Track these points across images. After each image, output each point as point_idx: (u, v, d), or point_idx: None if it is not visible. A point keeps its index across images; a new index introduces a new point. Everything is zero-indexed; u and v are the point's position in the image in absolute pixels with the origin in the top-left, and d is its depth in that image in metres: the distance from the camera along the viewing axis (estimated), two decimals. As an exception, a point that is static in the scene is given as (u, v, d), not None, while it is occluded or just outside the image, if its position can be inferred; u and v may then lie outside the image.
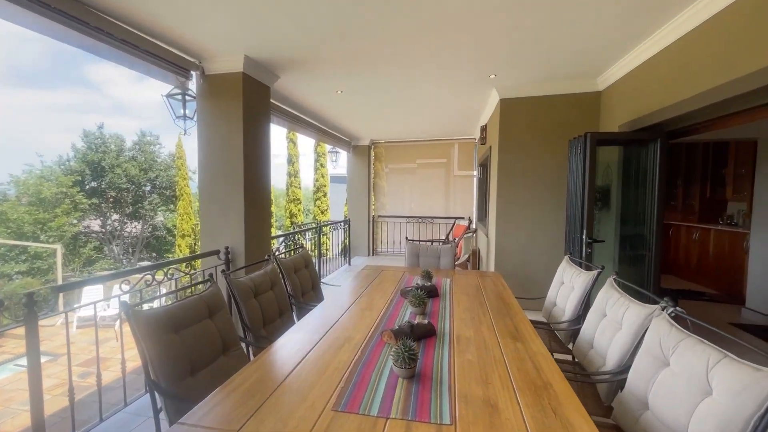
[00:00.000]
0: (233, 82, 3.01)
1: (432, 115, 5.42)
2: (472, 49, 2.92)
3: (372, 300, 2.16)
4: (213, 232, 3.13)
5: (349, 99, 4.38)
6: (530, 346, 1.53)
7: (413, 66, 3.29)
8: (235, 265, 3.09)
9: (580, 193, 2.99)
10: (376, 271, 2.98)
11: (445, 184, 8.00)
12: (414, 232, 7.90)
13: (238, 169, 3.04)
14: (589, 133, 2.88)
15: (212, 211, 3.12)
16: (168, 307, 1.45)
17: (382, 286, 2.49)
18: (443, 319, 1.84)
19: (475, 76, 3.60)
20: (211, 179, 3.10)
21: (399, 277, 2.77)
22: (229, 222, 3.08)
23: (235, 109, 3.02)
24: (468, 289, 2.46)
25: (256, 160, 3.22)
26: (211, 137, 3.09)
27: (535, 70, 3.42)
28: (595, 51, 2.97)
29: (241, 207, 3.05)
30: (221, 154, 3.07)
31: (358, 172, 7.62)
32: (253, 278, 2.06)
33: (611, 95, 3.50)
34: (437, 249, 3.28)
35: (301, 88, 3.96)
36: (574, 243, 3.12)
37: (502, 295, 2.33)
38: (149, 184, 18.26)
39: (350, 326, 1.73)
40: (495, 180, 4.21)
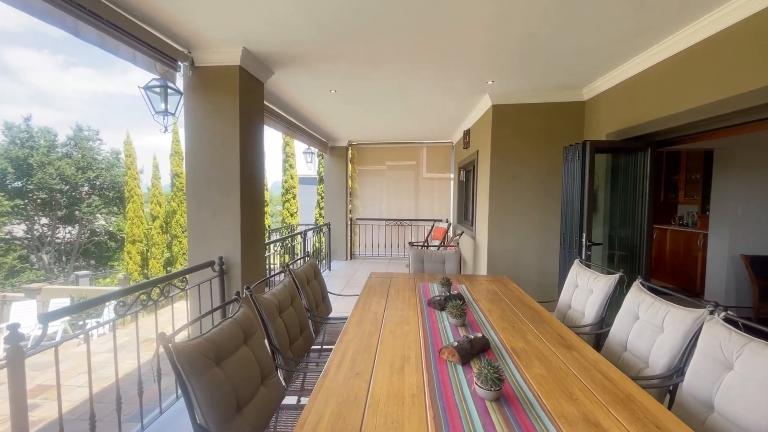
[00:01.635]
0: (228, 77, 2.74)
1: (416, 119, 5.42)
2: (477, 55, 2.93)
3: (402, 312, 2.06)
4: (203, 241, 2.82)
5: (340, 99, 4.22)
6: (585, 354, 1.53)
7: (413, 69, 3.24)
8: (230, 277, 2.81)
9: (578, 198, 3.12)
10: (385, 278, 2.88)
11: (415, 186, 8.06)
12: (391, 234, 7.86)
13: (233, 172, 2.77)
14: (588, 141, 3.02)
15: (202, 218, 2.81)
16: (207, 335, 1.25)
17: (402, 296, 2.39)
18: (486, 330, 1.80)
19: (473, 82, 3.64)
20: (202, 182, 2.80)
21: (413, 284, 2.70)
22: (223, 229, 2.80)
23: (230, 106, 2.75)
24: (488, 295, 2.45)
25: (252, 162, 2.97)
26: (203, 136, 2.79)
27: (530, 78, 3.53)
28: (588, 64, 3.12)
29: (236, 213, 2.79)
30: (214, 154, 2.78)
31: (336, 173, 7.42)
32: (276, 294, 1.87)
33: (597, 105, 3.72)
34: (442, 254, 3.25)
35: (292, 86, 3.73)
36: (572, 245, 3.25)
37: (524, 300, 2.35)
38: (87, 184, 16.37)
39: (398, 344, 1.62)
40: (486, 184, 4.29)
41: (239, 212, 2.78)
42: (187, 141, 2.82)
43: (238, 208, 2.78)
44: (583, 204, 3.07)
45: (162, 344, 1.10)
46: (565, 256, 3.43)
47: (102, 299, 1.69)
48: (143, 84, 2.88)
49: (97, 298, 1.67)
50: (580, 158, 3.11)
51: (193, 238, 2.84)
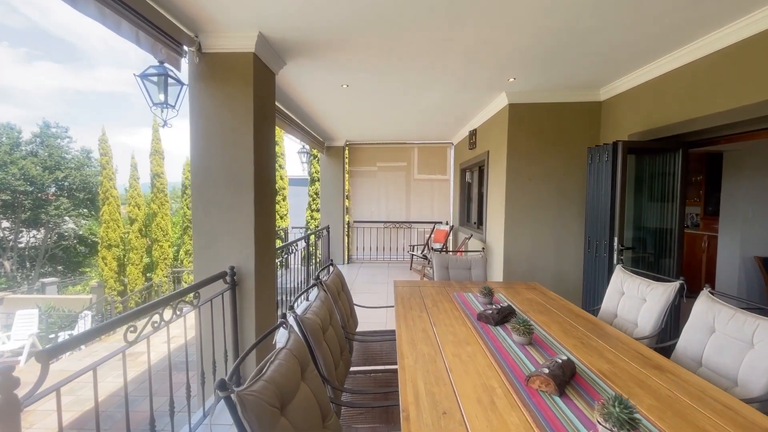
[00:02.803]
0: (242, 65, 2.45)
1: (420, 119, 5.23)
2: (506, 48, 2.76)
3: (453, 329, 1.85)
4: (211, 248, 2.51)
5: (350, 95, 3.97)
6: (683, 376, 1.36)
7: (435, 63, 3.04)
8: (242, 289, 2.51)
9: (608, 201, 3.01)
10: (413, 287, 2.66)
11: (406, 187, 7.84)
12: (390, 237, 7.64)
13: (246, 171, 2.48)
14: (620, 141, 2.91)
15: (210, 223, 2.50)
16: (267, 375, 0.99)
17: (442, 308, 2.18)
18: (557, 349, 1.61)
19: (494, 79, 3.48)
20: (210, 182, 2.49)
21: (446, 294, 2.49)
22: (235, 235, 2.50)
23: (243, 97, 2.46)
24: (533, 305, 2.27)
25: (265, 159, 2.68)
26: (211, 130, 2.48)
27: (551, 76, 3.41)
28: (614, 61, 3.02)
29: (250, 216, 2.49)
30: (225, 151, 2.48)
31: (332, 174, 7.14)
32: (317, 313, 1.61)
33: (615, 105, 3.64)
34: (468, 260, 3.06)
35: (302, 79, 3.45)
36: (599, 249, 3.14)
37: (572, 309, 2.19)
38: (55, 185, 15.29)
39: (470, 370, 1.40)
40: (501, 185, 4.15)
41: (253, 215, 2.49)
42: (193, 136, 2.50)
43: (252, 211, 2.49)
44: (614, 206, 2.95)
45: (221, 394, 0.84)
46: (590, 260, 3.32)
47: (111, 325, 1.39)
48: (139, 72, 2.56)
49: (106, 324, 1.36)
50: (609, 159, 3.00)
51: (200, 245, 2.52)
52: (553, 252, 4.04)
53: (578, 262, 4.00)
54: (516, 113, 3.97)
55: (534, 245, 4.04)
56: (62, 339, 7.23)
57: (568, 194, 3.99)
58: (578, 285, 3.99)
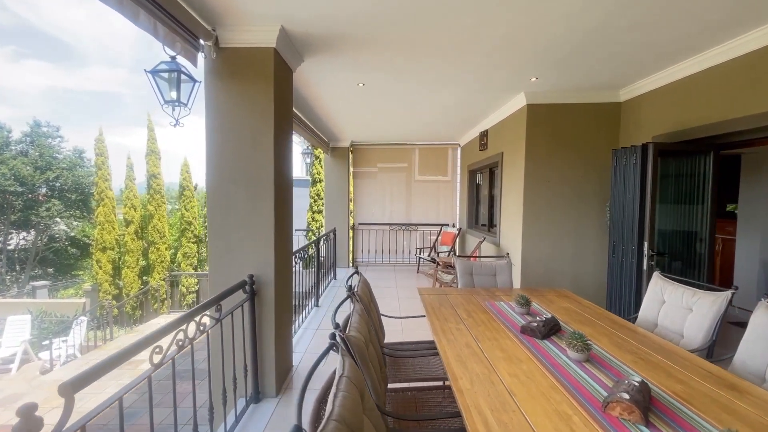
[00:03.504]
0: (262, 61, 2.31)
1: (430, 119, 5.12)
2: (532, 47, 2.66)
3: (498, 343, 1.73)
4: (228, 255, 2.36)
5: (365, 95, 3.84)
6: (763, 397, 1.26)
7: (456, 62, 2.92)
8: (261, 299, 2.37)
9: (636, 204, 2.92)
10: (440, 295, 2.54)
11: (407, 188, 7.67)
12: (396, 240, 7.51)
13: (266, 174, 2.33)
14: (650, 143, 2.82)
15: (227, 228, 2.35)
16: (335, 413, 0.85)
17: (479, 320, 2.06)
18: (616, 365, 1.50)
19: (514, 78, 3.37)
20: (228, 185, 2.34)
21: (477, 303, 2.37)
22: (254, 241, 2.35)
23: (263, 95, 2.32)
24: (571, 314, 2.16)
25: (285, 162, 2.54)
26: (229, 130, 2.34)
27: (573, 76, 3.31)
28: (639, 62, 2.94)
29: (270, 221, 2.35)
30: (243, 153, 2.33)
31: (337, 176, 6.99)
32: (359, 329, 1.48)
33: (637, 106, 3.56)
34: (492, 266, 2.95)
35: (317, 77, 3.32)
36: (626, 254, 3.05)
37: (613, 319, 2.08)
38: (46, 185, 14.90)
39: (534, 392, 1.28)
40: (518, 188, 4.04)
41: (273, 220, 2.35)
42: (209, 136, 2.35)
43: (272, 216, 2.35)
44: (643, 210, 2.86)
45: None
46: (615, 266, 3.23)
47: (136, 347, 1.24)
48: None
49: (129, 348, 1.21)
50: (638, 161, 2.91)
51: (216, 252, 2.37)
52: (570, 256, 3.95)
53: (598, 267, 3.92)
54: (534, 114, 3.88)
55: (552, 249, 3.95)
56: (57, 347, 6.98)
57: (587, 197, 3.91)
58: (598, 290, 3.91)
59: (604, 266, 3.91)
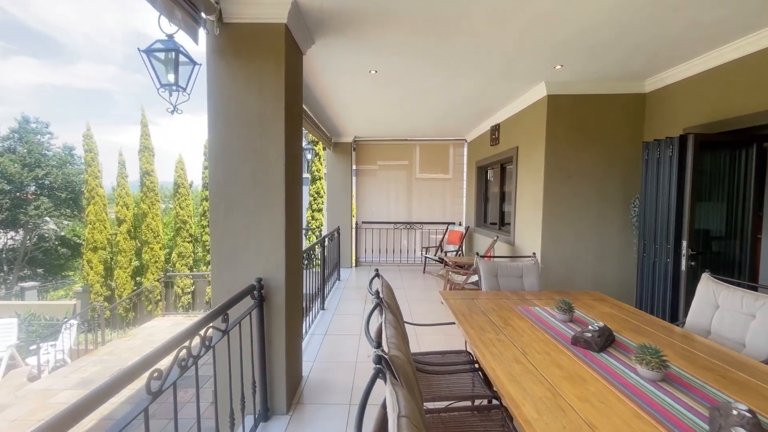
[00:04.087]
0: (271, 39, 2.06)
1: (440, 112, 4.89)
2: (563, 30, 2.44)
3: (550, 357, 1.50)
4: (233, 257, 2.11)
5: (375, 83, 3.60)
6: None
7: (481, 46, 2.70)
8: (269, 305, 2.12)
9: (672, 201, 2.72)
10: (466, 299, 2.31)
11: (407, 186, 7.42)
12: (400, 239, 7.28)
13: (277, 167, 2.09)
14: (690, 134, 2.62)
15: (232, 226, 2.10)
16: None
17: (518, 327, 1.83)
18: (697, 385, 1.28)
19: (538, 66, 3.15)
20: (233, 179, 2.09)
21: (510, 308, 2.15)
22: (262, 241, 2.10)
23: (274, 77, 2.07)
24: (619, 322, 1.94)
25: (296, 154, 2.30)
26: (235, 118, 2.08)
27: (599, 65, 3.11)
28: (672, 48, 2.74)
29: (280, 219, 2.10)
30: (251, 143, 2.08)
31: (340, 172, 6.74)
32: (398, 346, 1.25)
33: (667, 97, 3.36)
34: (518, 267, 2.73)
35: (326, 63, 3.07)
36: (660, 254, 2.85)
37: (669, 327, 1.88)
38: (35, 183, 14.45)
39: (618, 424, 1.06)
40: (537, 184, 3.83)
41: (284, 218, 2.10)
42: (212, 125, 2.09)
43: (283, 213, 2.10)
44: (681, 207, 2.66)
45: None
46: (647, 266, 3.02)
47: (131, 374, 0.99)
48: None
49: (127, 371, 0.97)
50: (675, 153, 2.70)
51: (220, 253, 2.11)
52: (593, 255, 3.75)
53: (622, 266, 3.73)
54: (555, 105, 3.66)
55: (573, 248, 3.75)
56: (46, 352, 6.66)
57: (610, 192, 3.71)
58: (623, 291, 3.72)
59: (628, 266, 3.72)
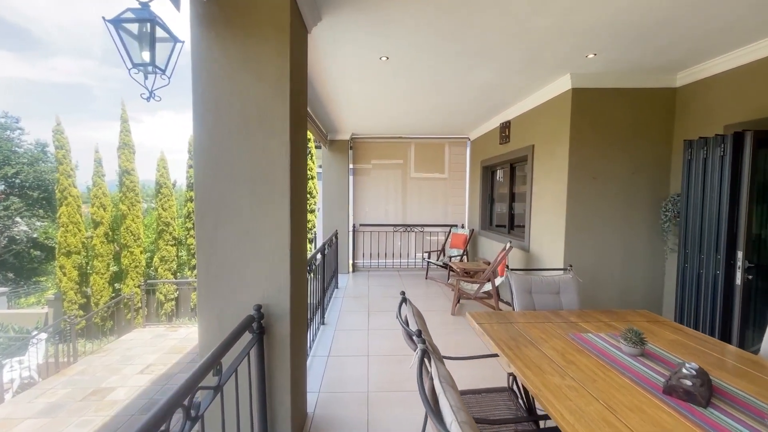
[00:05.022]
0: (273, 7, 1.65)
1: (447, 108, 4.53)
2: (607, 8, 2.12)
3: (648, 417, 1.15)
4: (223, 278, 1.70)
5: (385, 71, 3.21)
6: None
7: (511, 25, 2.36)
8: (271, 337, 1.72)
9: (725, 206, 2.43)
10: (502, 324, 1.95)
11: (402, 187, 7.02)
12: (400, 242, 6.91)
13: (280, 165, 1.68)
14: (748, 131, 2.33)
15: (225, 241, 1.69)
16: None
17: (584, 368, 1.48)
18: None
19: (566, 54, 2.83)
20: (226, 182, 1.68)
21: (560, 335, 1.80)
22: (262, 259, 1.70)
23: (277, 56, 1.67)
24: (693, 353, 1.61)
25: (302, 150, 1.90)
26: (227, 106, 1.67)
27: (631, 56, 2.82)
28: (717, 35, 2.45)
29: (284, 229, 1.70)
30: (247, 137, 1.67)
31: (337, 172, 6.33)
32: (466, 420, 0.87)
33: (700, 92, 3.09)
34: (555, 282, 2.39)
35: (331, 47, 2.67)
36: (708, 265, 2.56)
37: (753, 359, 1.56)
38: (4, 182, 13.52)
39: None
40: (559, 185, 3.52)
41: (288, 228, 1.70)
42: (198, 115, 1.68)
43: (287, 222, 1.70)
44: (736, 214, 2.38)
45: None
46: (690, 278, 2.73)
47: None
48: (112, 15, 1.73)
49: None
50: (727, 152, 2.41)
51: (208, 276, 1.70)
52: (619, 263, 3.46)
53: (651, 276, 3.45)
54: (580, 99, 3.35)
55: (599, 256, 3.45)
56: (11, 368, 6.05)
57: (637, 195, 3.43)
58: (652, 304, 3.44)
59: (656, 274, 3.45)
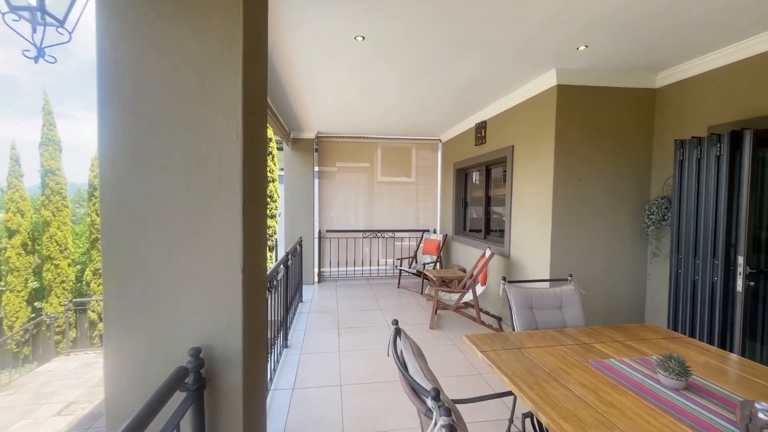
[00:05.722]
0: (218, -70, 1.20)
1: (424, 105, 4.25)
2: (598, 3, 1.91)
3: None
4: (146, 307, 1.19)
5: (360, 55, 2.81)
6: None
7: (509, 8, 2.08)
8: (215, 389, 1.24)
9: (722, 208, 2.30)
10: (509, 350, 1.62)
11: (369, 191, 6.67)
12: (370, 248, 6.50)
13: (229, 150, 1.21)
14: (747, 129, 2.21)
15: (146, 254, 1.18)
16: None
17: (625, 409, 1.17)
18: None
19: (562, 44, 2.62)
20: (148, 173, 1.18)
21: (580, 364, 1.49)
22: (200, 282, 1.21)
23: (225, 5, 1.21)
24: (746, 384, 1.37)
25: (260, 135, 1.44)
26: (150, 65, 1.18)
27: (619, 51, 2.69)
28: (713, 30, 2.37)
29: (235, 238, 1.23)
30: (182, 111, 1.19)
31: (300, 173, 5.81)
32: None
33: (684, 92, 3.03)
34: (557, 295, 2.11)
35: (294, 19, 2.23)
36: (705, 271, 2.42)
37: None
38: None
39: None
40: (545, 187, 3.32)
41: (241, 239, 1.23)
42: (105, 78, 1.16)
43: (239, 230, 1.23)
44: (735, 216, 2.25)
45: None
46: (684, 285, 2.60)
47: None
48: None
49: None
50: (724, 152, 2.29)
51: (119, 310, 1.18)
52: (603, 268, 3.32)
53: (634, 282, 3.34)
54: (565, 97, 3.18)
55: (583, 262, 3.28)
56: None
57: (621, 198, 3.32)
58: (635, 311, 3.33)
59: (639, 279, 3.34)
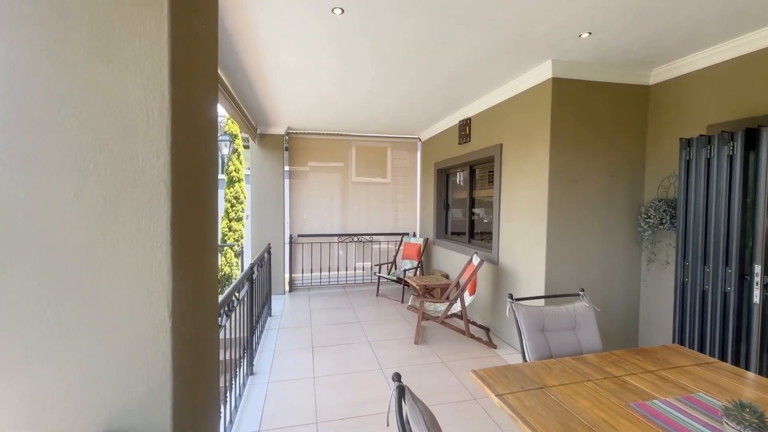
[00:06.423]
0: None
1: (406, 99, 3.91)
2: None
3: None
4: (3, 380, 0.73)
5: (335, 33, 2.41)
6: None
7: None
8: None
9: (735, 212, 2.13)
10: (531, 394, 1.29)
11: (343, 192, 6.27)
12: (342, 253, 6.06)
13: (145, 127, 0.79)
14: (764, 127, 2.04)
15: (13, 297, 0.73)
16: None
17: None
18: None
19: (561, 32, 2.37)
20: (11, 170, 0.72)
21: (621, 410, 1.19)
22: (101, 329, 0.77)
23: None
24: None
25: (202, 112, 1.02)
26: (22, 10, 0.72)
27: (631, 38, 2.48)
28: (719, 23, 2.22)
29: (162, 266, 0.80)
30: (65, 67, 0.74)
31: (268, 173, 5.28)
32: None
33: (680, 89, 2.89)
34: (570, 314, 1.81)
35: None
36: (715, 279, 2.24)
37: None
38: None
39: None
40: (540, 188, 3.07)
41: (169, 262, 0.80)
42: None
43: (167, 242, 0.80)
44: (751, 220, 2.07)
45: None
46: (691, 294, 2.41)
47: None
48: None
49: None
50: (737, 152, 2.12)
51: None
52: (599, 275, 3.12)
53: (629, 289, 3.16)
54: (561, 91, 2.96)
55: (579, 269, 3.06)
56: None
57: (615, 200, 3.14)
58: (630, 318, 3.15)
59: (633, 286, 3.17)
